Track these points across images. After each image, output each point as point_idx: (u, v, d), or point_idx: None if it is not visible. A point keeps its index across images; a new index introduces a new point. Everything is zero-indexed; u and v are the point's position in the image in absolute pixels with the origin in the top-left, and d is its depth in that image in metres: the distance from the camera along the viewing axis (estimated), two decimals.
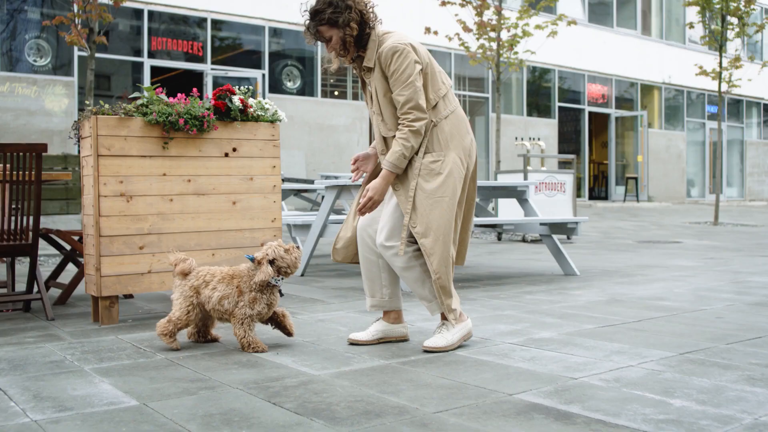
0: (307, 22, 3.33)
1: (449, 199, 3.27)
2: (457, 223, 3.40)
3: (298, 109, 15.23)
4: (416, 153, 3.31)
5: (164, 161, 4.22)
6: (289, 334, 3.52)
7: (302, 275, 6.43)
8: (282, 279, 3.41)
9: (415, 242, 3.35)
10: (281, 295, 3.47)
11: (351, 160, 3.57)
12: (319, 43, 3.40)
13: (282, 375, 2.93)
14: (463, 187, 3.38)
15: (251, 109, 4.54)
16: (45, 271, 6.71)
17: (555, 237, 6.58)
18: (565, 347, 3.41)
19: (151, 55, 14.02)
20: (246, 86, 4.69)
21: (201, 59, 14.59)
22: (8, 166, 4.16)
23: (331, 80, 16.40)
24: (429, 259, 3.23)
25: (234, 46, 15.30)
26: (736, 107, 25.68)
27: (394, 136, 3.31)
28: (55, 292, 5.40)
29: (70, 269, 6.56)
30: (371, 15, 3.33)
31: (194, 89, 4.48)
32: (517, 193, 6.84)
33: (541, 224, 6.54)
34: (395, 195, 3.34)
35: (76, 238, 4.85)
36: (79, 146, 4.37)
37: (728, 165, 25.67)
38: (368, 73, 3.37)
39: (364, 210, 3.34)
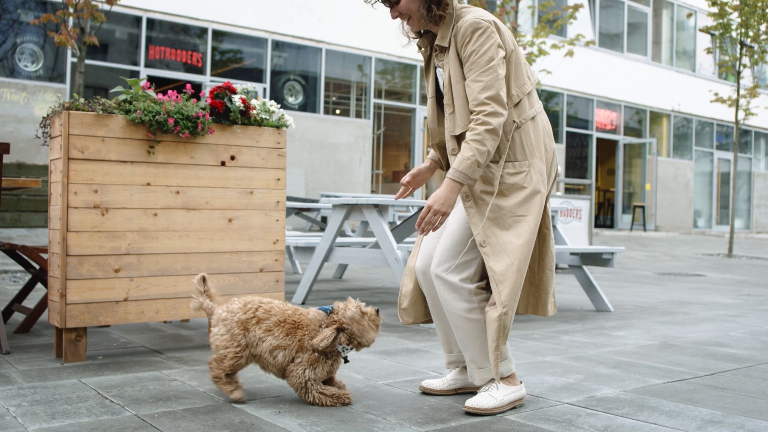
0: None
1: (532, 220, 2.59)
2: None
3: (299, 126, 14.58)
4: (494, 161, 2.63)
5: (149, 168, 3.54)
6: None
7: (303, 304, 5.72)
8: (351, 349, 2.69)
9: (486, 288, 2.67)
10: (345, 362, 2.77)
11: (406, 178, 2.86)
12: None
13: None
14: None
15: (254, 111, 3.88)
16: (14, 289, 6.00)
17: (586, 268, 5.91)
18: (640, 412, 2.72)
19: (148, 64, 13.39)
20: (248, 87, 4.03)
21: (200, 71, 13.97)
22: None
23: (334, 97, 15.78)
24: (497, 287, 2.52)
25: (235, 59, 14.69)
26: (745, 138, 25.16)
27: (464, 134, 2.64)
28: (20, 317, 4.70)
29: (41, 289, 5.85)
30: None
31: (188, 85, 3.82)
32: None
33: (572, 254, 5.87)
34: (466, 211, 2.65)
35: (46, 256, 4.17)
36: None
37: (735, 196, 25.09)
38: (441, 54, 2.70)
39: (427, 227, 2.60)
